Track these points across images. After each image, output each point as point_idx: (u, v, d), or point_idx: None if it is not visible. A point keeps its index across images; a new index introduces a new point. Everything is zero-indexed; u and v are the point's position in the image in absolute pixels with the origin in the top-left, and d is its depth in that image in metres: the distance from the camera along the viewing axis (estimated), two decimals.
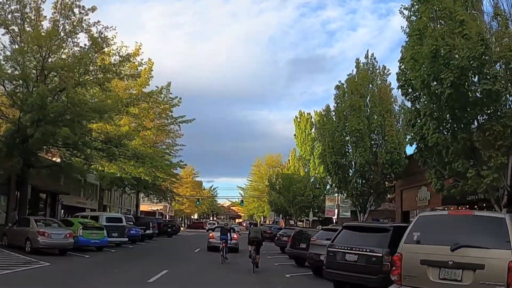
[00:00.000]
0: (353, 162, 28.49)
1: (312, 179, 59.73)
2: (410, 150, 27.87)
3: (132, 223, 36.68)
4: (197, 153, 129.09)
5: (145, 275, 16.37)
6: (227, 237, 23.69)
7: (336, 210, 37.60)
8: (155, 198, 65.01)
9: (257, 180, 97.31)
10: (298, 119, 63.19)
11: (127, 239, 30.05)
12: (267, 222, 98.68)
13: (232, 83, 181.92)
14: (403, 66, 16.58)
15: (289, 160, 66.58)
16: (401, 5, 17.10)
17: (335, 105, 30.21)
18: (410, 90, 16.65)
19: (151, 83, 42.35)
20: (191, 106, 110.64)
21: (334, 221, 41.00)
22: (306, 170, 60.21)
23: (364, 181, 28.40)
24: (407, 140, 16.81)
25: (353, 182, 28.30)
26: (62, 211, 43.19)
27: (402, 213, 32.43)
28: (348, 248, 12.67)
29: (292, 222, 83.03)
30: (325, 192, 58.79)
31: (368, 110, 29.28)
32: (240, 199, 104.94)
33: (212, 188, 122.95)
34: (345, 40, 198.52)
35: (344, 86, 29.81)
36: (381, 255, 11.87)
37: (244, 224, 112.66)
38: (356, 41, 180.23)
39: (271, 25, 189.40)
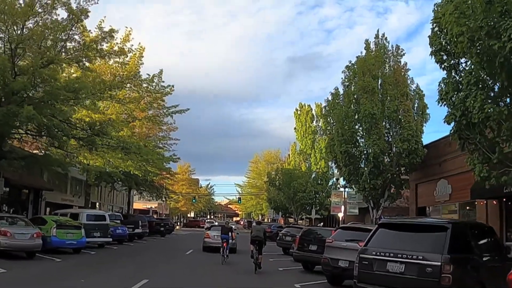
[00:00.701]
0: (365, 152, 25.22)
1: (313, 175, 56.52)
2: (427, 138, 24.82)
3: (119, 221, 33.42)
4: (194, 152, 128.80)
5: (121, 284, 13.18)
6: (228, 236, 22.11)
7: (342, 207, 34.34)
8: (148, 196, 61.67)
9: (255, 177, 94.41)
10: (298, 112, 59.94)
11: (111, 239, 26.78)
12: (265, 220, 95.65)
13: (229, 82, 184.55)
14: (436, 29, 13.52)
15: (289, 154, 63.37)
16: None
17: (344, 88, 26.98)
18: (445, 57, 13.53)
19: (143, 71, 39.33)
20: (188, 105, 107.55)
21: (341, 219, 37.77)
22: (307, 165, 56.96)
23: (378, 173, 25.13)
24: (444, 117, 13.57)
25: (365, 174, 25.06)
26: (48, 209, 39.88)
27: (417, 210, 29.28)
28: (391, 255, 9.39)
29: (292, 220, 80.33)
30: (327, 188, 55.78)
31: (381, 94, 26.05)
32: (237, 197, 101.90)
33: (209, 186, 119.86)
34: (342, 38, 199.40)
35: (355, 67, 26.58)
36: (439, 264, 8.54)
37: (242, 223, 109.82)
38: (353, 39, 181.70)
39: (268, 23, 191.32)
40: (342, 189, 34.18)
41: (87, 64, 24.48)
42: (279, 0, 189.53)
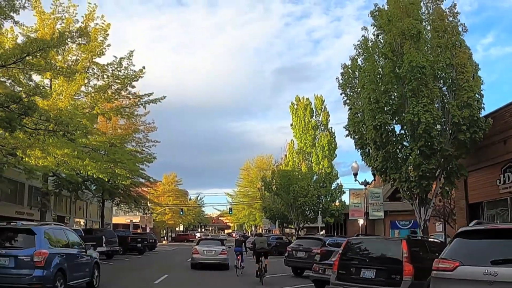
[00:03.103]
0: (411, 123, 17.49)
1: (315, 177, 48.80)
2: (490, 104, 17.32)
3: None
4: (184, 166, 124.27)
5: None
6: (241, 248, 22.09)
7: (363, 210, 26.65)
8: (126, 207, 53.49)
9: (247, 185, 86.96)
10: (295, 106, 52.27)
11: None
12: (259, 231, 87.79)
13: (219, 95, 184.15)
14: None
15: (285, 155, 55.58)
16: None
17: (373, 37, 19.45)
18: None
19: (108, 54, 31.93)
20: (177, 119, 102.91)
21: (362, 224, 30.08)
22: (308, 165, 49.28)
23: (430, 153, 17.45)
24: None
25: (412, 157, 17.38)
26: None
27: (468, 208, 21.74)
28: None
29: (289, 230, 72.32)
30: (331, 191, 48.14)
31: (429, 43, 18.55)
32: (228, 207, 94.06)
33: (198, 198, 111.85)
34: (330, 47, 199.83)
35: (386, 8, 19.06)
36: None
37: (234, 235, 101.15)
38: (341, 48, 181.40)
39: (256, 35, 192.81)
40: (362, 186, 26.45)
41: None
42: (267, 12, 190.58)
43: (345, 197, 48.64)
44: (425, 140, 16.92)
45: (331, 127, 51.55)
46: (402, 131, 18.56)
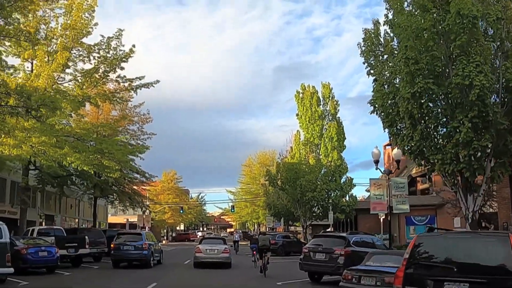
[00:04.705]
0: (458, 90, 13.89)
1: (323, 170, 45.14)
2: None
3: (53, 238, 22.04)
4: (185, 166, 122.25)
5: None
6: (255, 245, 24.32)
7: (386, 202, 23.01)
8: (121, 206, 49.81)
9: (250, 182, 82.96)
10: (301, 95, 48.56)
11: (11, 268, 15.19)
12: (262, 229, 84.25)
13: (219, 94, 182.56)
14: None
15: (291, 147, 51.87)
16: None
17: None
18: None
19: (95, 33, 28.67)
20: (176, 118, 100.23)
21: (383, 220, 26.38)
22: (316, 157, 45.65)
23: (482, 126, 13.86)
24: None
25: (463, 131, 13.71)
26: None
27: None
28: None
29: (293, 228, 68.62)
30: (341, 185, 44.50)
31: None
32: (230, 205, 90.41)
33: (200, 197, 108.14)
34: (331, 46, 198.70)
35: None
36: None
37: (237, 235, 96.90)
38: (341, 47, 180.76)
39: (256, 34, 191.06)
40: (387, 178, 22.77)
41: None
42: (267, 10, 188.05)
43: (355, 191, 45.16)
44: (478, 110, 13.34)
45: (339, 117, 48.02)
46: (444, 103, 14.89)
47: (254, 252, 24.87)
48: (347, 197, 44.67)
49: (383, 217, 25.66)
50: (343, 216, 43.79)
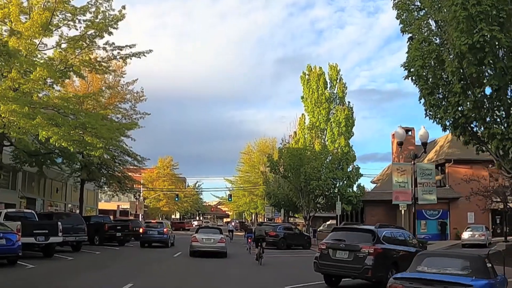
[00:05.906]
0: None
1: (329, 157, 41.92)
2: None
3: (19, 223, 18.74)
4: (184, 155, 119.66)
5: None
6: (251, 234, 26.43)
7: (411, 192, 19.69)
8: (110, 190, 46.61)
9: (248, 170, 79.69)
10: (307, 76, 45.25)
11: None
12: (260, 220, 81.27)
13: (220, 84, 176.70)
14: None
15: (295, 132, 48.58)
16: None
17: None
18: None
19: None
20: (176, 107, 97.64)
21: (403, 212, 23.02)
22: (322, 143, 42.45)
23: None
24: None
25: None
26: None
27: None
28: None
29: (292, 220, 65.21)
30: (348, 174, 41.28)
31: None
32: (228, 194, 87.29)
33: (196, 185, 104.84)
34: (333, 38, 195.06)
35: None
36: None
37: (234, 224, 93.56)
38: (344, 40, 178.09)
39: (259, 25, 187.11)
40: (411, 165, 19.42)
41: None
42: (270, 1, 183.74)
43: (362, 181, 41.99)
44: None
45: (349, 102, 44.69)
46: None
47: (250, 240, 27.43)
48: (354, 187, 41.50)
49: (405, 208, 22.33)
50: (350, 207, 40.61)
